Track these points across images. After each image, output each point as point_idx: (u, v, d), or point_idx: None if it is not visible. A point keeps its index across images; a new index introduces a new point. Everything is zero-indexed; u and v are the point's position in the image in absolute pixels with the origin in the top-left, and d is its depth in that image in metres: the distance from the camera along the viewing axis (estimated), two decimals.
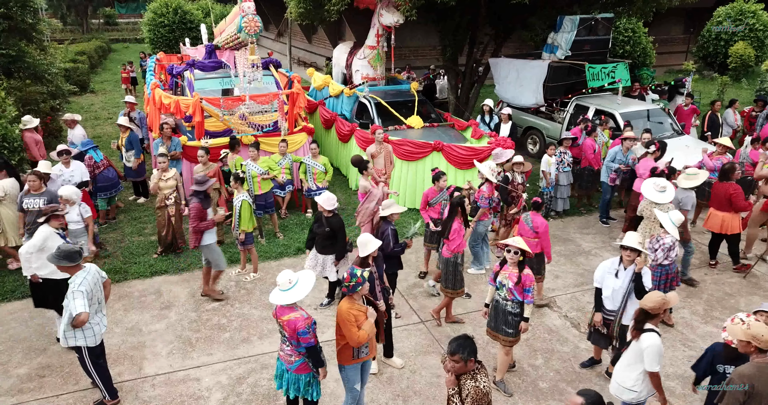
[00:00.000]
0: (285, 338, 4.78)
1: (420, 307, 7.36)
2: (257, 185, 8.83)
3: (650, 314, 4.65)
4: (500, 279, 5.56)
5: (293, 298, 4.63)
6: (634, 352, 4.70)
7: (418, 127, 11.27)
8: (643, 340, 4.60)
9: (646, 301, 4.65)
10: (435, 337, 6.76)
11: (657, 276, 6.60)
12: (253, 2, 8.42)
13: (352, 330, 4.70)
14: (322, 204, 6.64)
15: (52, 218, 6.06)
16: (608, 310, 5.74)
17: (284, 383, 4.92)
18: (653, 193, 7.20)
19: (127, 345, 6.59)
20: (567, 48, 12.11)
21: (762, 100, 12.19)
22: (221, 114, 9.59)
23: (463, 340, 3.93)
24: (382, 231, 6.43)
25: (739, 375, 4.06)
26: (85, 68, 21.27)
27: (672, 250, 6.53)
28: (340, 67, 13.72)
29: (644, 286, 5.45)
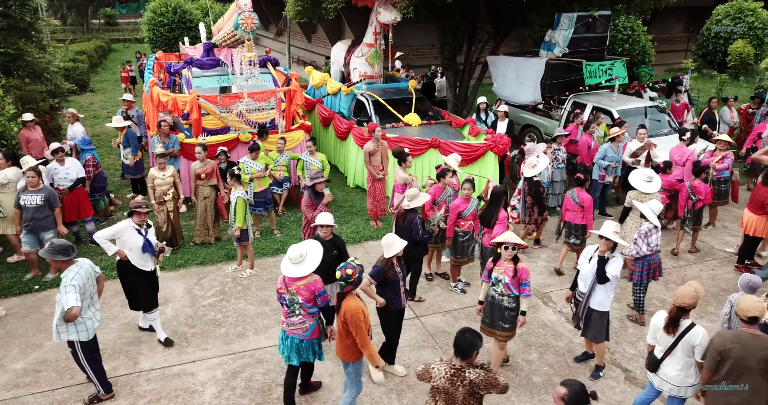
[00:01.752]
0: (296, 307, 5.03)
1: (415, 304, 7.37)
2: (256, 182, 8.85)
3: (686, 310, 4.68)
4: (495, 275, 5.58)
5: (305, 271, 4.98)
6: (684, 350, 4.70)
7: (416, 125, 11.29)
8: (693, 336, 4.64)
9: (682, 299, 4.65)
10: (429, 332, 6.78)
11: (639, 267, 6.70)
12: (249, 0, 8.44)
13: (365, 333, 4.79)
14: (325, 221, 5.95)
15: (134, 214, 6.12)
16: (580, 291, 5.90)
17: (302, 354, 5.19)
18: (641, 183, 7.43)
19: (124, 340, 6.62)
20: (565, 45, 12.11)
21: (759, 98, 12.20)
22: (218, 111, 9.60)
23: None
24: (410, 220, 6.78)
25: (719, 336, 4.47)
26: (85, 68, 21.31)
27: (648, 236, 6.60)
28: (338, 65, 13.75)
29: (605, 272, 5.54)
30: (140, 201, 6.25)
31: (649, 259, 6.69)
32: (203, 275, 8.05)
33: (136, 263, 6.21)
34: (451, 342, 6.52)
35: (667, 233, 9.28)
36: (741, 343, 4.32)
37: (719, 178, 9.00)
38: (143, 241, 6.16)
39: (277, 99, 9.91)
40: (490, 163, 9.43)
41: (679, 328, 4.71)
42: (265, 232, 9.27)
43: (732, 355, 4.32)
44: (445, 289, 7.71)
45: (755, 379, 4.32)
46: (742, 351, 4.30)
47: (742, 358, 4.30)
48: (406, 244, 5.79)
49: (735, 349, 4.32)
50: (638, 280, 6.85)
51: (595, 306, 5.75)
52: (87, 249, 8.72)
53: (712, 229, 9.51)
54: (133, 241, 6.14)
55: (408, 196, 6.91)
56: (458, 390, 4.00)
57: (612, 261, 5.64)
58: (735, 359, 4.32)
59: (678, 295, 4.70)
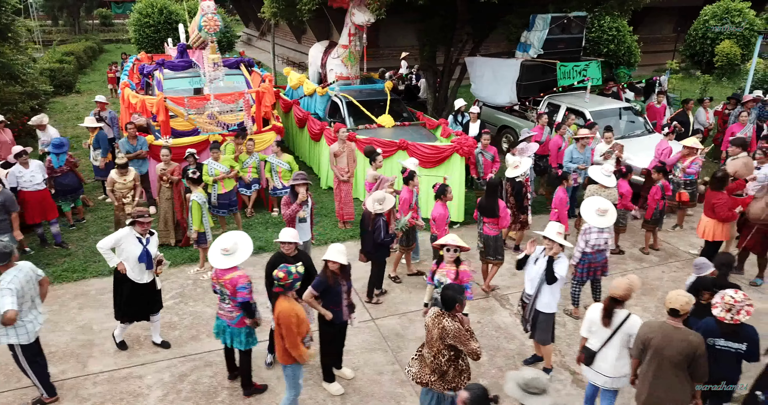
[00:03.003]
0: (225, 297, 5.35)
1: (372, 306, 7.37)
2: (220, 184, 8.84)
3: (619, 301, 4.81)
4: (438, 277, 5.59)
5: (234, 262, 5.26)
6: (622, 341, 4.82)
7: (389, 126, 11.28)
8: (630, 327, 4.78)
9: (615, 290, 4.79)
10: (383, 334, 6.77)
11: (582, 264, 6.78)
12: (212, 1, 8.44)
13: (297, 337, 4.78)
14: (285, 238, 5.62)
15: (136, 223, 5.92)
16: (527, 294, 5.90)
17: (227, 337, 5.52)
18: (601, 177, 7.62)
19: (76, 343, 6.61)
20: (539, 46, 12.09)
21: (735, 98, 12.17)
22: (186, 113, 9.60)
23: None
24: (375, 222, 6.94)
25: (645, 325, 4.66)
26: (71, 69, 21.29)
27: (587, 234, 6.66)
28: (315, 66, 13.75)
29: (553, 272, 5.55)
30: (143, 209, 6.03)
31: (590, 258, 6.70)
32: (165, 277, 8.01)
33: (131, 276, 6.02)
34: (404, 345, 6.58)
35: (634, 235, 9.28)
36: (662, 334, 4.47)
37: (685, 180, 8.98)
38: (141, 250, 5.97)
39: (245, 101, 9.90)
40: (456, 164, 9.41)
41: (616, 318, 4.81)
42: None
43: (653, 344, 4.48)
44: (404, 291, 7.70)
45: (671, 368, 4.46)
46: (662, 341, 4.44)
47: (661, 348, 4.45)
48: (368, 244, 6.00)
49: (656, 338, 4.47)
50: (578, 277, 6.94)
51: (542, 308, 5.75)
52: (52, 251, 8.72)
53: (680, 230, 9.50)
54: (131, 251, 5.94)
55: (376, 199, 6.99)
56: (434, 331, 4.52)
57: (558, 261, 5.64)
58: (655, 348, 4.48)
59: (612, 286, 4.86)
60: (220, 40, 22.19)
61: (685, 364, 4.47)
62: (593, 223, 6.80)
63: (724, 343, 4.79)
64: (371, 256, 7.33)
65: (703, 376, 4.54)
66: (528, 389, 3.61)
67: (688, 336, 4.46)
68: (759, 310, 5.12)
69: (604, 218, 6.86)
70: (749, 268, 8.14)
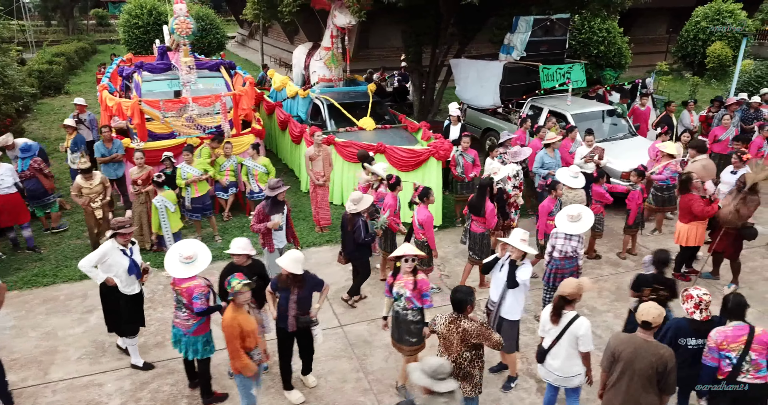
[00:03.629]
0: (181, 305, 5.31)
1: (344, 311, 7.31)
2: (193, 188, 8.77)
3: (568, 300, 4.82)
4: (396, 290, 5.48)
5: (192, 272, 5.21)
6: (569, 341, 4.84)
7: (370, 129, 11.21)
8: (577, 328, 4.79)
9: (564, 288, 4.84)
10: (350, 341, 6.70)
11: (549, 269, 6.74)
12: (185, 4, 8.38)
13: (237, 348, 4.71)
14: (234, 250, 5.56)
15: (117, 235, 5.78)
16: (491, 301, 5.85)
17: (183, 347, 5.43)
18: (568, 179, 7.59)
19: (40, 349, 6.55)
20: (522, 49, 12.03)
21: (718, 101, 12.10)
22: (161, 116, 9.53)
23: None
24: (354, 223, 6.97)
25: (615, 337, 4.63)
26: (60, 70, 21.22)
27: (555, 239, 6.63)
28: (299, 68, 13.69)
29: (515, 277, 5.49)
30: (124, 219, 5.87)
31: (557, 264, 6.63)
32: None
33: (123, 289, 5.90)
34: (370, 352, 6.51)
35: (612, 238, 9.21)
36: (633, 347, 4.41)
37: (661, 185, 8.91)
38: (129, 262, 5.85)
39: (222, 103, 9.83)
40: (432, 168, 9.35)
41: (564, 319, 4.84)
42: (206, 239, 9.17)
43: (623, 357, 4.43)
44: (376, 296, 7.63)
45: (641, 381, 4.41)
46: (632, 354, 4.39)
47: (631, 361, 4.40)
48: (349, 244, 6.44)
49: (626, 351, 4.42)
50: (546, 281, 6.86)
51: (506, 315, 5.68)
52: (24, 256, 8.66)
53: (658, 234, 9.42)
54: (119, 264, 5.81)
55: (352, 199, 7.03)
56: (453, 335, 4.67)
57: (521, 267, 5.58)
58: (625, 361, 4.43)
59: (562, 284, 4.93)
60: (210, 41, 22.21)
61: (655, 378, 4.41)
62: (564, 230, 6.72)
63: (695, 342, 4.85)
64: (353, 256, 7.32)
65: (671, 390, 4.52)
66: (436, 376, 3.64)
67: (659, 350, 4.41)
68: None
69: (576, 224, 6.76)
70: (724, 273, 8.06)
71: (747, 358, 4.62)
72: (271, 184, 6.93)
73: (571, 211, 6.72)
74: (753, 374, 4.64)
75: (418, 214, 7.25)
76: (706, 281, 8.02)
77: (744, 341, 4.63)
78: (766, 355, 4.63)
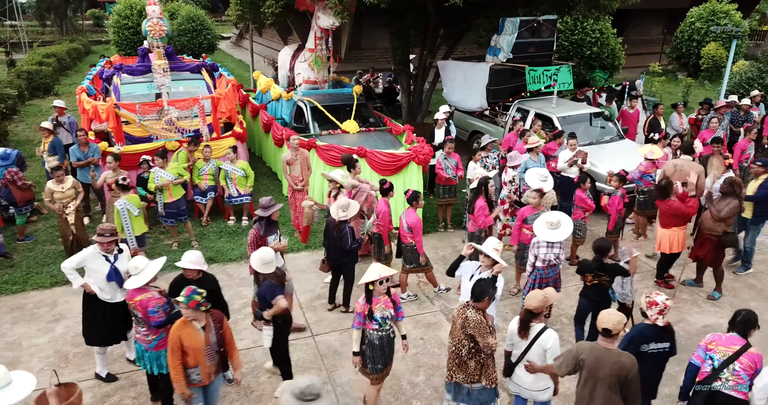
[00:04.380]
0: (139, 320, 5.14)
1: (317, 320, 7.14)
2: (167, 193, 8.61)
3: (534, 313, 4.74)
4: (380, 314, 5.13)
5: (139, 283, 5.04)
6: (537, 354, 4.77)
7: (354, 132, 11.05)
8: (544, 341, 4.72)
9: (530, 301, 4.75)
10: (321, 352, 6.54)
11: (532, 279, 6.59)
12: (158, 6, 8.21)
13: (175, 361, 4.56)
14: (192, 266, 5.33)
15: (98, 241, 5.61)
16: None
17: (147, 362, 5.27)
18: (536, 182, 7.51)
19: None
20: (509, 50, 11.86)
21: (707, 104, 11.92)
22: (138, 119, 9.38)
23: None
24: (341, 229, 6.85)
25: (577, 346, 4.59)
26: (49, 71, 21.06)
27: (537, 248, 6.49)
28: (285, 70, 13.54)
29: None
30: (105, 228, 5.67)
31: (541, 273, 6.48)
32: None
33: (102, 296, 5.68)
34: (341, 363, 6.35)
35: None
36: (594, 355, 4.39)
37: (639, 189, 8.76)
38: (109, 268, 5.63)
39: (200, 106, 9.67)
40: (413, 173, 9.19)
41: (532, 331, 4.77)
42: (183, 244, 9.02)
43: (586, 365, 4.42)
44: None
45: (604, 390, 4.36)
46: (595, 362, 4.37)
47: (594, 368, 4.38)
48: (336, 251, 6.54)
49: (589, 359, 4.40)
50: (528, 291, 6.67)
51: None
52: None
53: (643, 240, 9.25)
54: (99, 270, 5.63)
55: (340, 206, 6.91)
56: (457, 321, 4.71)
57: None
58: (588, 369, 4.41)
59: (527, 297, 4.82)
60: (201, 42, 22.05)
61: (617, 387, 4.37)
62: (544, 238, 6.58)
63: (654, 346, 4.84)
64: (341, 263, 7.17)
65: (636, 399, 4.45)
66: (304, 397, 3.48)
67: (620, 358, 4.38)
68: None
69: (555, 231, 6.61)
70: (709, 280, 7.89)
71: (730, 366, 4.56)
72: (263, 203, 6.42)
73: (550, 219, 6.58)
74: (734, 388, 4.54)
75: (407, 217, 7.15)
76: (689, 289, 7.87)
77: (734, 350, 4.60)
78: (751, 374, 4.55)
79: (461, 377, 4.80)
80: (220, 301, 5.53)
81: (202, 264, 5.35)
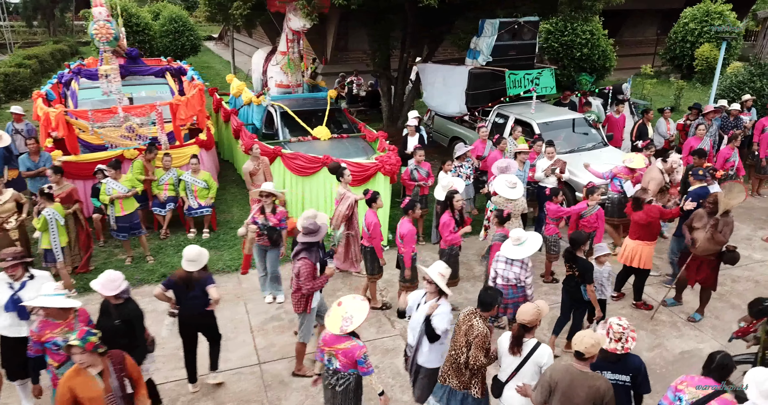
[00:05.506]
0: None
1: (266, 345, 6.65)
2: (119, 205, 8.13)
3: (528, 327, 4.53)
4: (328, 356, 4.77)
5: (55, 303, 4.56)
6: (532, 373, 4.56)
7: (325, 139, 10.58)
8: (539, 356, 4.52)
9: (523, 315, 4.51)
10: (266, 382, 6.05)
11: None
12: (104, 7, 7.72)
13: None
14: (101, 290, 4.85)
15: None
16: (409, 345, 5.14)
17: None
18: (504, 190, 7.20)
19: None
20: (488, 53, 11.36)
21: (696, 109, 11.43)
22: (90, 127, 8.89)
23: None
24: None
25: (551, 368, 4.35)
26: (28, 73, 20.57)
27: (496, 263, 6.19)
28: (258, 73, 13.06)
29: (434, 329, 4.81)
30: (7, 252, 5.15)
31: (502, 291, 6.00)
32: None
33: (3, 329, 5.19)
34: (285, 395, 5.87)
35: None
36: (569, 379, 4.19)
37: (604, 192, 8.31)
38: (8, 298, 5.10)
39: (158, 113, 9.19)
40: (380, 183, 8.71)
41: (525, 348, 4.54)
42: (138, 259, 8.53)
43: (559, 388, 4.21)
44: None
45: None
46: (569, 387, 4.17)
47: (569, 394, 4.17)
48: None
49: (562, 382, 4.19)
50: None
51: (423, 362, 5.02)
52: None
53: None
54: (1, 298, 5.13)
55: (306, 217, 6.28)
56: (462, 327, 4.64)
57: (438, 312, 4.84)
58: (562, 393, 4.20)
59: (520, 312, 4.56)
60: (183, 43, 21.57)
61: None
62: (505, 254, 6.17)
63: (612, 376, 4.48)
64: None
65: None
66: None
67: (595, 381, 4.16)
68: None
69: (518, 248, 6.14)
70: (690, 299, 7.40)
71: None
72: (308, 226, 5.66)
73: (515, 235, 6.14)
74: None
75: (401, 226, 6.70)
76: (670, 310, 7.38)
77: (705, 393, 4.15)
78: None
79: (455, 383, 4.71)
80: (138, 335, 4.99)
81: (114, 288, 4.82)
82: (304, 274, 5.48)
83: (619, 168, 8.36)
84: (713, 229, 6.60)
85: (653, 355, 6.47)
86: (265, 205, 7.02)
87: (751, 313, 5.34)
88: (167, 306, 5.52)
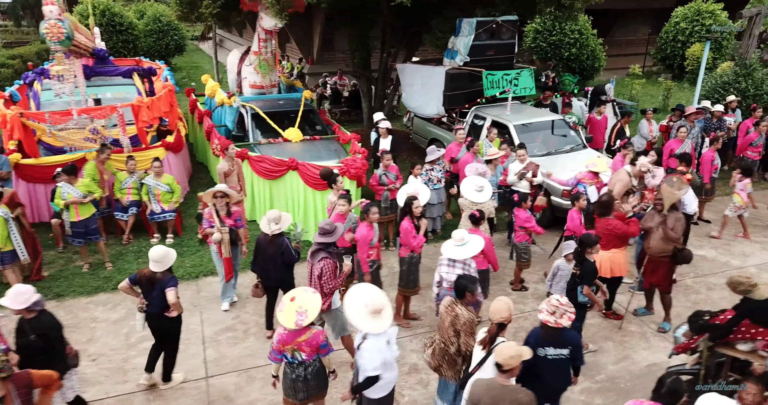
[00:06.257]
0: None
1: (217, 357, 6.38)
2: (74, 211, 7.86)
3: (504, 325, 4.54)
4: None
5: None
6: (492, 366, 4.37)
7: (296, 141, 10.33)
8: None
9: (498, 314, 4.49)
10: (210, 398, 5.78)
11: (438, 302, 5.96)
12: (56, 6, 7.45)
13: None
14: (10, 304, 4.57)
15: None
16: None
17: None
18: (471, 193, 7.10)
19: None
20: (466, 53, 11.08)
21: (679, 110, 11.16)
22: (48, 129, 8.63)
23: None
24: (281, 244, 6.27)
25: (474, 385, 4.27)
26: (9, 73, 20.29)
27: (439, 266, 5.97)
28: (233, 73, 12.79)
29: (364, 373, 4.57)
30: None
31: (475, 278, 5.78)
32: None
33: None
34: None
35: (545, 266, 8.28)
36: (491, 394, 4.07)
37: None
38: None
39: (119, 115, 8.93)
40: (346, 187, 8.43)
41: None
42: (96, 266, 8.27)
43: (483, 403, 4.09)
44: (260, 339, 6.70)
45: None
46: (491, 401, 4.05)
47: None
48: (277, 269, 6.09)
49: (484, 399, 4.08)
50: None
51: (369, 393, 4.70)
52: None
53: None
54: None
55: (271, 219, 6.22)
56: (447, 318, 4.80)
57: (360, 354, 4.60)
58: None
59: (493, 311, 4.51)
60: (168, 43, 21.31)
61: None
62: (446, 254, 5.90)
63: (554, 351, 4.57)
64: (284, 282, 6.38)
65: None
66: None
67: (516, 395, 4.04)
68: None
69: (459, 249, 5.88)
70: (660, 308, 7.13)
71: None
72: (323, 227, 5.67)
73: (458, 235, 5.93)
74: None
75: (357, 231, 6.48)
76: (640, 320, 7.11)
77: None
78: None
79: (450, 374, 4.82)
80: (56, 348, 4.68)
81: (23, 301, 4.51)
82: (327, 273, 5.60)
83: (583, 173, 8.10)
84: (664, 226, 6.46)
85: (618, 369, 6.20)
86: (219, 207, 6.78)
87: (692, 329, 5.12)
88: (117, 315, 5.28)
